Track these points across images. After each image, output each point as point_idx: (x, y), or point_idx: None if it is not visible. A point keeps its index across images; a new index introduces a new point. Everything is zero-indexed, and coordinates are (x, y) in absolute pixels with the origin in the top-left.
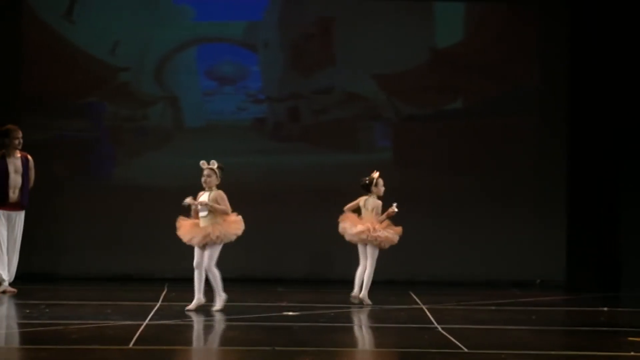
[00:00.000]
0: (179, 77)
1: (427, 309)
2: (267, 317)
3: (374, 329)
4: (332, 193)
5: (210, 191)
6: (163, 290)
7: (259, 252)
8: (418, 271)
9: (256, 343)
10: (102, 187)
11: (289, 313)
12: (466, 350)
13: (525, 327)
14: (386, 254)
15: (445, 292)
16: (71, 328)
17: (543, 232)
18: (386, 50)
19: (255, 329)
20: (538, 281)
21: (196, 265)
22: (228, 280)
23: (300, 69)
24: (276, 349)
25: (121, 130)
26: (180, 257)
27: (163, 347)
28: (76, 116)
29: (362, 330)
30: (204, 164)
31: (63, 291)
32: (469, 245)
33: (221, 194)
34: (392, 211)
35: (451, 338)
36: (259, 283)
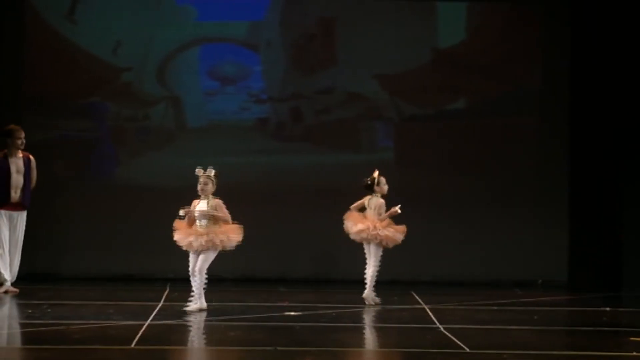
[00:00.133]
0: (181, 77)
1: (429, 309)
2: (269, 317)
3: (376, 329)
4: (334, 193)
5: (206, 199)
6: (165, 290)
7: (261, 252)
8: (420, 271)
9: (258, 343)
10: (104, 187)
11: (291, 313)
12: (468, 350)
13: (527, 327)
14: (388, 254)
15: (447, 292)
16: (73, 328)
17: (545, 232)
18: (388, 50)
19: (256, 329)
20: (540, 281)
21: (192, 272)
22: (229, 280)
23: (302, 69)
24: (278, 349)
25: (123, 130)
26: (182, 257)
27: (165, 347)
28: (78, 116)
29: (364, 330)
30: (200, 172)
31: (65, 291)
32: (471, 245)
33: (220, 202)
34: (395, 211)
35: (453, 338)
36: (261, 283)
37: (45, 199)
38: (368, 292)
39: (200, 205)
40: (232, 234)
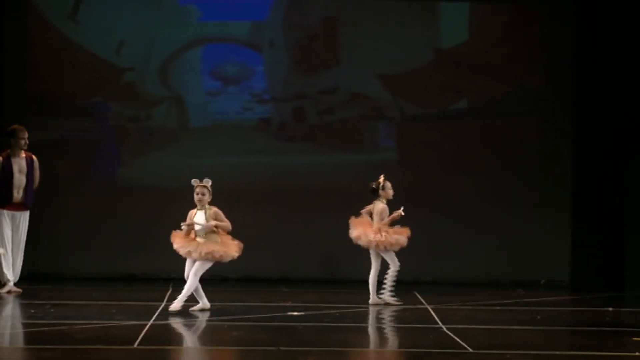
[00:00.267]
0: (184, 77)
1: (432, 309)
2: (272, 317)
3: (379, 329)
4: (337, 193)
5: (203, 209)
6: (168, 290)
7: (264, 252)
8: (422, 271)
9: (260, 343)
10: (107, 187)
11: (294, 313)
12: (471, 350)
13: (529, 327)
14: None
15: (449, 292)
16: (76, 328)
17: (547, 232)
18: (390, 50)
19: (259, 329)
20: (542, 281)
21: (187, 277)
22: (232, 280)
23: (304, 69)
24: (281, 349)
25: (125, 130)
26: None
27: (168, 347)
28: (80, 116)
29: (367, 330)
30: (197, 182)
31: (68, 291)
32: (473, 245)
33: (218, 211)
34: (398, 214)
35: (456, 338)
36: (263, 283)
37: (47, 199)
38: (387, 295)
39: (197, 216)
40: (231, 249)
